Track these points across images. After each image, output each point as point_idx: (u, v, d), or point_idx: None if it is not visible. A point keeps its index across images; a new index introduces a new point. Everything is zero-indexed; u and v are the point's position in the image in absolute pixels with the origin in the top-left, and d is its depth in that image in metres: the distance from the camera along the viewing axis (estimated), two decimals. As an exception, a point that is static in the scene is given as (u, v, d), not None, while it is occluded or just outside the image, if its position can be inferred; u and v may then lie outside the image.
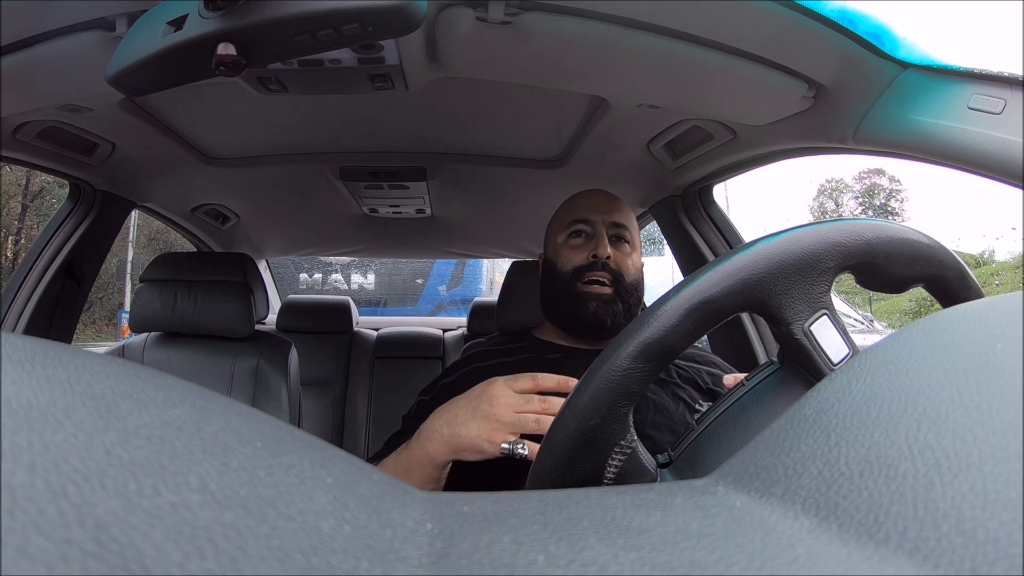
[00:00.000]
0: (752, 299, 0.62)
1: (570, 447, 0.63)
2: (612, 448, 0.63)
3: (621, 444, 0.64)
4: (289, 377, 2.14)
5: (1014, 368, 0.28)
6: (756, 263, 0.61)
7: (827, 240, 0.62)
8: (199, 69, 0.83)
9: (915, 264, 0.65)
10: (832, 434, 0.28)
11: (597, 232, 1.36)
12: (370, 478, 0.24)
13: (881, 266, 0.63)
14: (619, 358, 0.61)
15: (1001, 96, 0.98)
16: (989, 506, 0.21)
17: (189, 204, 2.45)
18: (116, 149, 1.78)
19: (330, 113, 1.77)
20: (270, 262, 3.76)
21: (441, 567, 0.20)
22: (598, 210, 1.39)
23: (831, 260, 0.62)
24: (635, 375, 0.61)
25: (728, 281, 0.61)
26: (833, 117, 1.27)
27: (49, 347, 0.23)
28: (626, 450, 0.64)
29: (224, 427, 0.22)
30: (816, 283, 0.63)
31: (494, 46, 1.15)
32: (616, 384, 0.61)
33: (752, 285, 0.61)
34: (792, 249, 0.62)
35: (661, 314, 0.61)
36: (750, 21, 1.08)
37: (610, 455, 0.63)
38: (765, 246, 0.62)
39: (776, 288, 0.62)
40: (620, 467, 0.64)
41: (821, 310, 0.64)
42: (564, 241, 1.39)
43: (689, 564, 0.21)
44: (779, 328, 0.64)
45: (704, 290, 0.61)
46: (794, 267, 0.62)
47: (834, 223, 0.64)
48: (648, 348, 0.61)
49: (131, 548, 0.15)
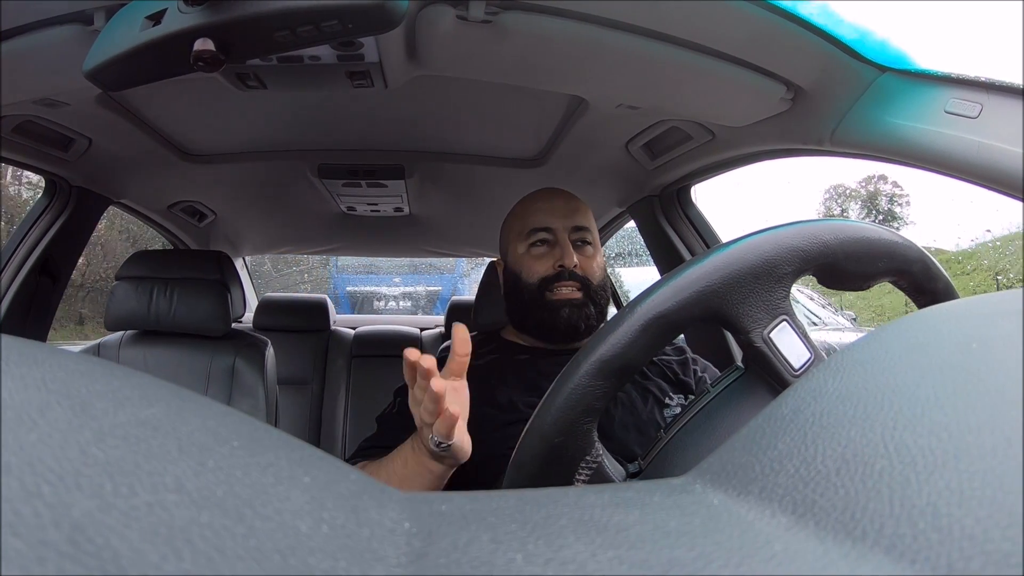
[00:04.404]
0: (708, 310, 0.62)
1: (536, 465, 0.63)
2: (578, 464, 0.64)
3: (587, 459, 0.64)
4: (266, 376, 2.13)
5: (989, 367, 0.28)
6: (710, 274, 0.62)
7: (783, 246, 0.63)
8: (177, 64, 0.82)
9: (876, 261, 0.65)
10: (809, 432, 0.28)
11: (560, 240, 1.35)
12: (348, 477, 0.24)
13: (842, 266, 0.64)
14: (578, 376, 0.62)
15: (978, 100, 1.00)
16: (964, 503, 0.21)
17: (166, 201, 2.43)
18: (93, 144, 1.75)
19: (309, 110, 1.76)
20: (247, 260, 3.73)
21: (419, 566, 0.20)
22: (557, 215, 1.37)
23: (788, 265, 0.63)
24: (595, 392, 0.61)
25: (683, 294, 0.61)
26: (811, 119, 1.28)
27: (24, 345, 0.23)
28: (592, 464, 0.64)
29: (201, 426, 0.22)
30: (774, 289, 0.63)
31: (474, 45, 1.14)
32: (577, 402, 0.61)
33: (707, 296, 0.61)
34: (747, 258, 0.62)
35: (617, 331, 0.61)
36: (729, 23, 1.08)
37: (576, 471, 0.64)
38: (719, 256, 0.63)
39: (732, 298, 0.62)
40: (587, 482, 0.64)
41: (780, 316, 0.64)
42: (526, 251, 1.37)
43: (667, 562, 0.21)
44: (738, 336, 0.65)
45: (658, 304, 0.61)
46: (750, 275, 0.62)
47: (789, 227, 0.64)
48: (606, 365, 0.61)
49: (107, 549, 0.15)
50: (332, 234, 3.00)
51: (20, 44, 1.07)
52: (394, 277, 9.60)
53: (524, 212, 1.42)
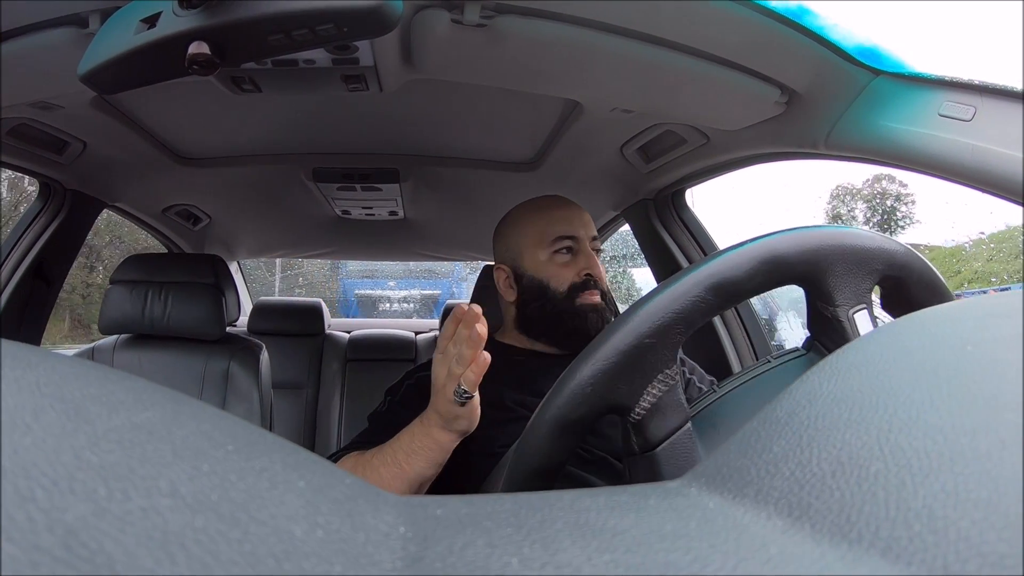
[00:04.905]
0: (814, 271, 0.66)
1: (620, 359, 0.63)
2: (657, 373, 0.64)
3: (667, 372, 0.65)
4: (261, 380, 2.13)
5: (984, 370, 0.28)
6: (827, 240, 0.66)
7: (880, 245, 0.67)
8: (172, 68, 0.82)
9: (939, 296, 0.68)
10: (804, 435, 0.28)
11: (584, 250, 1.38)
12: (343, 482, 0.24)
13: (911, 289, 0.69)
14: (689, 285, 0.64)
15: (971, 104, 1.00)
16: (960, 505, 0.21)
17: (160, 204, 2.42)
18: (87, 148, 1.75)
19: (303, 114, 1.76)
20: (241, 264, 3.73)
21: (415, 571, 0.20)
22: (580, 224, 1.40)
23: (879, 263, 0.67)
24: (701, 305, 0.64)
25: (803, 245, 0.66)
26: (805, 123, 1.29)
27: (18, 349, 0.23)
28: (671, 380, 0.65)
29: (195, 431, 0.22)
30: (864, 279, 0.67)
31: (469, 48, 1.15)
32: (682, 308, 0.63)
33: (820, 257, 0.66)
34: (853, 241, 0.67)
35: (734, 255, 0.65)
36: (724, 27, 1.08)
37: (654, 379, 0.64)
38: (831, 231, 0.67)
39: (836, 269, 0.66)
40: (658, 398, 0.65)
41: (864, 303, 0.68)
42: (549, 258, 1.39)
43: (663, 565, 0.21)
44: (827, 307, 0.68)
45: (779, 247, 0.65)
46: (852, 256, 0.67)
47: (882, 235, 0.70)
48: (721, 284, 0.64)
49: (101, 554, 0.15)
50: (327, 238, 3.00)
51: (15, 47, 1.07)
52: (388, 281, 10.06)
53: (543, 219, 1.42)
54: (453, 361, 1.01)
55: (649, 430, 0.65)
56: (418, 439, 1.08)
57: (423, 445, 1.07)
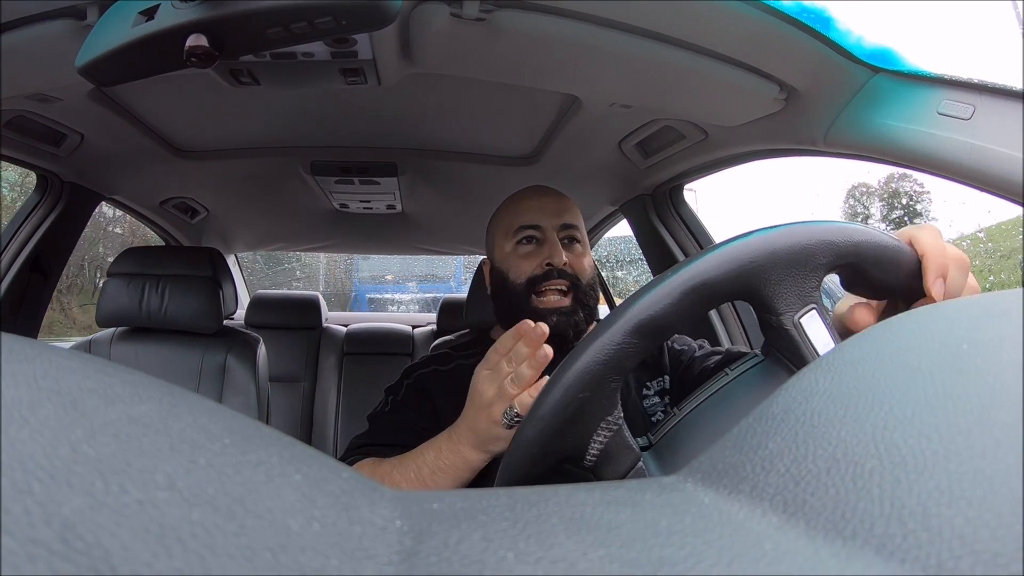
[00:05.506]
0: (747, 286, 0.63)
1: (558, 420, 0.63)
2: (599, 423, 0.64)
3: (608, 420, 0.64)
4: (258, 373, 2.13)
5: (979, 369, 0.28)
6: (754, 251, 0.63)
7: (820, 238, 0.64)
8: (170, 60, 0.82)
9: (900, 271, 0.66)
10: (799, 432, 0.28)
11: (549, 238, 1.31)
12: (339, 475, 0.24)
13: (868, 271, 0.65)
14: (612, 332, 0.62)
15: (970, 102, 1.00)
16: (954, 503, 0.21)
17: (158, 197, 2.42)
18: (85, 140, 1.75)
19: (301, 107, 1.76)
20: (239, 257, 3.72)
21: (410, 565, 0.20)
22: (546, 212, 1.33)
23: (823, 257, 0.64)
24: (628, 350, 0.62)
25: (725, 266, 0.62)
26: (804, 120, 1.29)
27: (15, 342, 0.23)
28: (613, 426, 0.64)
29: (192, 424, 0.22)
30: (808, 278, 0.64)
31: (468, 43, 1.14)
32: (608, 358, 0.62)
33: (749, 271, 0.63)
34: (787, 242, 0.64)
35: (657, 291, 0.62)
36: (724, 23, 1.08)
37: (596, 430, 0.64)
38: (762, 236, 0.64)
39: (771, 277, 0.63)
40: (605, 444, 0.64)
41: (811, 304, 0.65)
42: (512, 249, 1.34)
43: (658, 561, 0.21)
44: (770, 317, 0.65)
45: (702, 272, 0.62)
46: (788, 259, 0.63)
47: (825, 222, 0.66)
48: (644, 324, 0.62)
49: (98, 547, 0.15)
50: (324, 231, 3.00)
51: (12, 39, 1.07)
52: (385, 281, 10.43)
53: (511, 210, 1.38)
54: (507, 380, 0.94)
55: (603, 475, 0.65)
56: (446, 456, 1.02)
57: (451, 463, 1.01)
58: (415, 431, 1.18)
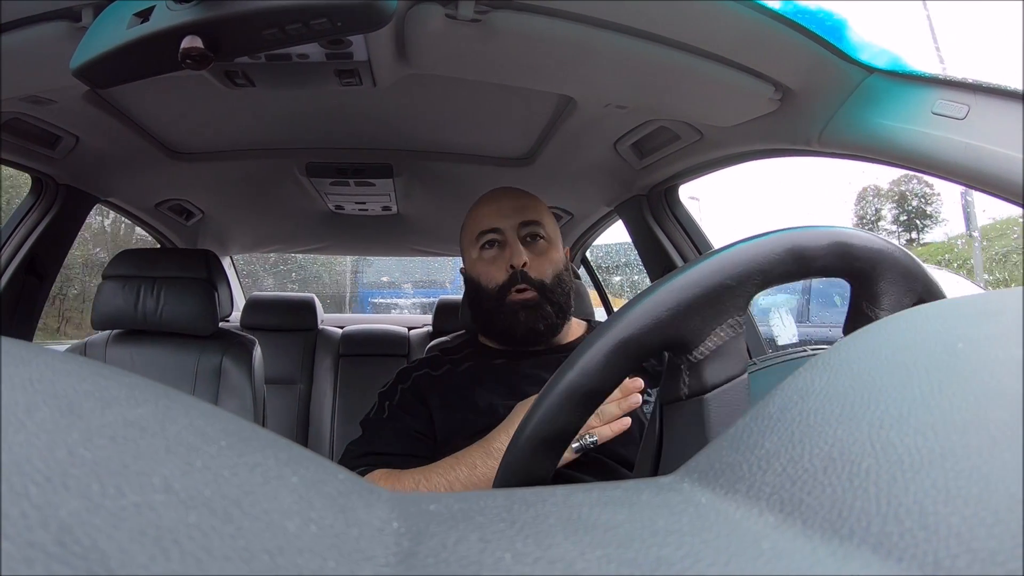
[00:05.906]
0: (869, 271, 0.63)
1: (698, 295, 0.60)
2: (727, 319, 0.61)
3: (736, 319, 0.62)
4: (253, 375, 2.12)
5: (975, 367, 0.28)
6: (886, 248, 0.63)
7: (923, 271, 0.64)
8: (166, 62, 0.82)
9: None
10: (796, 431, 0.29)
11: (509, 239, 1.34)
12: (336, 477, 0.24)
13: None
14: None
15: (965, 102, 1.00)
16: (951, 502, 0.21)
17: (153, 199, 2.41)
18: (80, 142, 1.74)
19: (297, 109, 1.75)
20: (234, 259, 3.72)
21: (408, 566, 0.20)
22: (504, 214, 1.36)
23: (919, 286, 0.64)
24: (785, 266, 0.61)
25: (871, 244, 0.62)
26: (799, 119, 1.29)
27: (10, 345, 0.23)
28: (738, 328, 0.62)
29: (188, 426, 0.22)
30: (905, 295, 0.64)
31: (463, 43, 1.14)
32: (766, 262, 0.60)
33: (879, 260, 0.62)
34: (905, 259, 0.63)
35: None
36: (719, 23, 1.08)
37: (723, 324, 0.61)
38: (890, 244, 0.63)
39: (888, 275, 0.63)
40: (725, 342, 0.62)
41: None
42: (478, 255, 1.37)
43: (655, 560, 0.21)
44: (872, 308, 0.65)
45: (852, 241, 0.62)
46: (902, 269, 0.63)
47: None
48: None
49: (95, 550, 0.15)
50: (320, 233, 2.99)
51: (7, 41, 1.07)
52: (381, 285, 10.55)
53: (473, 216, 1.41)
54: (600, 415, 1.00)
55: (706, 373, 0.62)
56: (481, 471, 1.03)
57: (487, 477, 1.02)
58: (418, 438, 1.18)
